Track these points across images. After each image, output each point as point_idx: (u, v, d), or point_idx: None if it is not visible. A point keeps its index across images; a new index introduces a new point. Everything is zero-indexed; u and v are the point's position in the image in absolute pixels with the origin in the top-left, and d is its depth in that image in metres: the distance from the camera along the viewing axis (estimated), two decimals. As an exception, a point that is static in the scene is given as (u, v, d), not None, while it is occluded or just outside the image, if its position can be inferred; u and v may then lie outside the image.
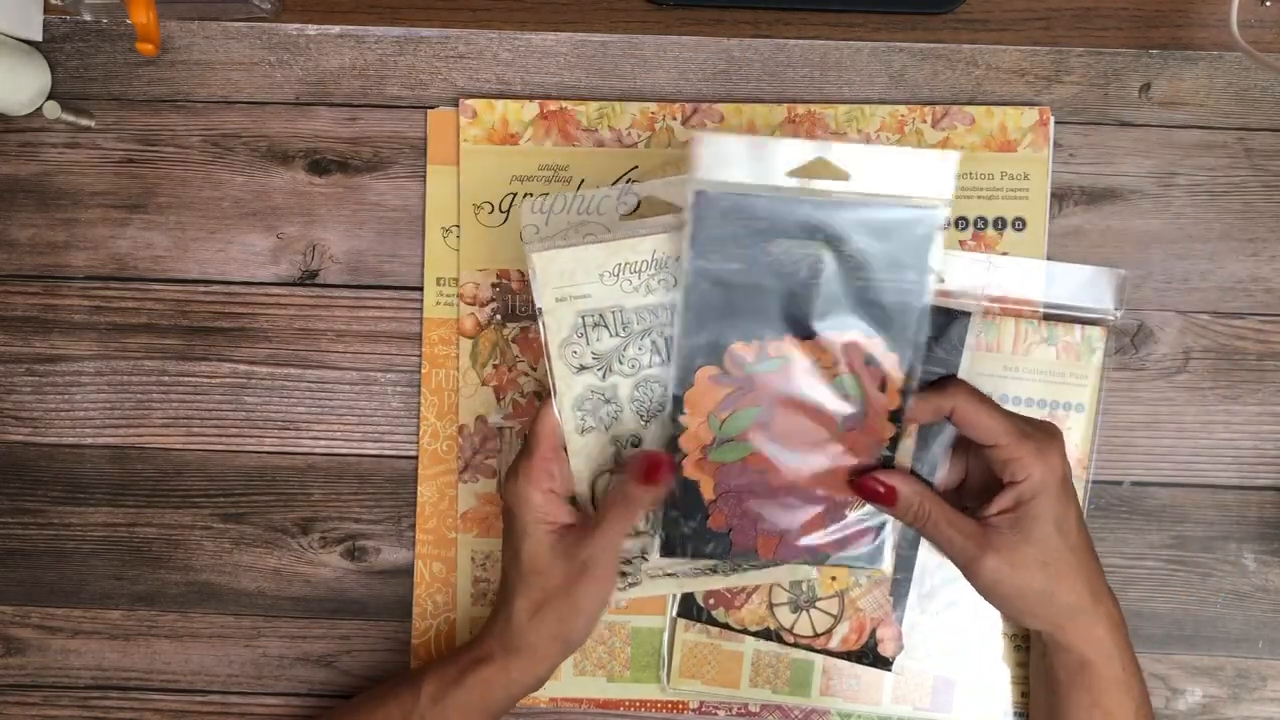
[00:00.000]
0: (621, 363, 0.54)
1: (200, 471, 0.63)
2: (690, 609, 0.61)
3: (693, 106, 0.62)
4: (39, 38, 0.62)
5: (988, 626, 0.60)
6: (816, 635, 0.60)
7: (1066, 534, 0.53)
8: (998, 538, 0.53)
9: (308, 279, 0.63)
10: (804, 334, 0.52)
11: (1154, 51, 0.62)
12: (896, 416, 0.53)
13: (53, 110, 0.62)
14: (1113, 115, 0.62)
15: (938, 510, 0.53)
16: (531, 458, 0.54)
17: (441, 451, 0.62)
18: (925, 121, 0.61)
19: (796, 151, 0.50)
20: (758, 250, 0.51)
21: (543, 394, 0.61)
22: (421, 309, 0.63)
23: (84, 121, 0.63)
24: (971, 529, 0.53)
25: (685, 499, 0.54)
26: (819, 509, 0.54)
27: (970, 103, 0.62)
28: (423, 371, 0.62)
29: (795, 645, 0.60)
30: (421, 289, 0.63)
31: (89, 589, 0.63)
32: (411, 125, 0.63)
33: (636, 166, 0.62)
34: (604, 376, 0.54)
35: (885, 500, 0.53)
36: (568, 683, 0.61)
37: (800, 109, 0.61)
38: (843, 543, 0.54)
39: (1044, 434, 0.53)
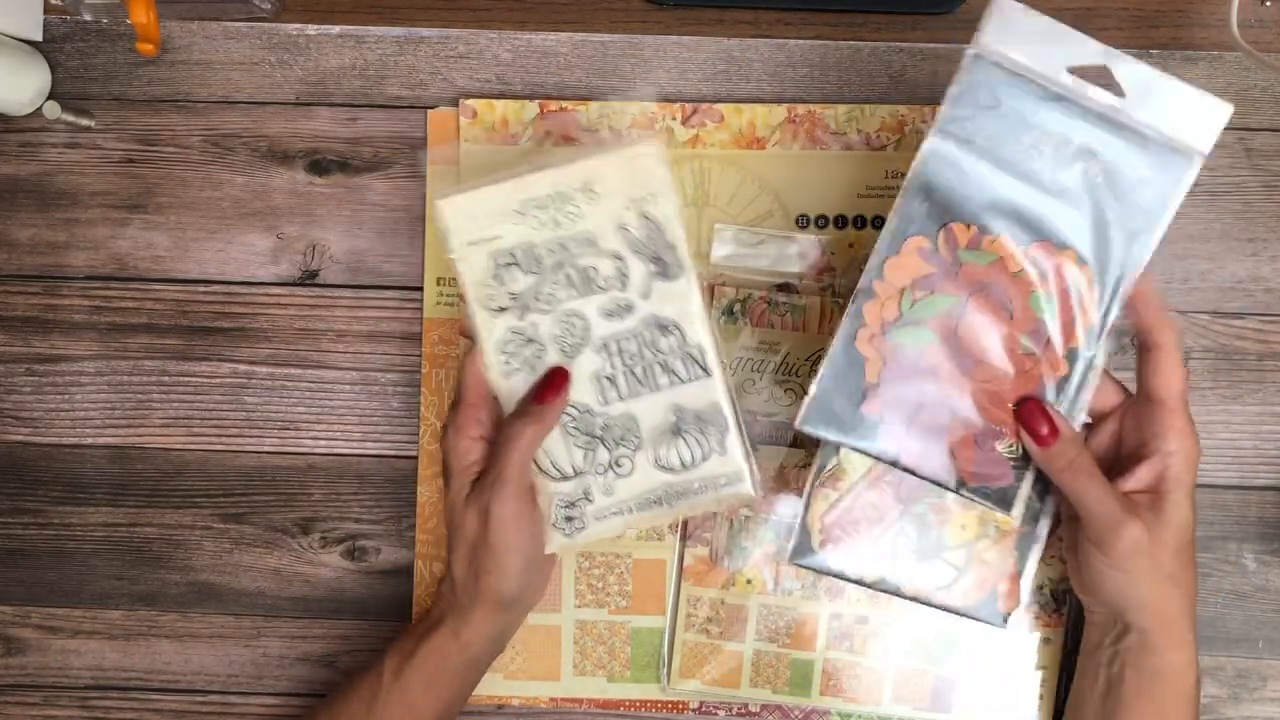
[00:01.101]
0: (539, 299, 0.54)
1: (200, 471, 0.63)
2: (803, 547, 0.55)
3: (693, 106, 0.62)
4: (39, 38, 0.62)
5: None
6: (936, 590, 0.56)
7: (1189, 533, 0.50)
8: (1140, 508, 0.50)
9: (308, 279, 0.63)
10: (1023, 239, 0.50)
11: (1154, 51, 0.62)
12: (1072, 356, 0.50)
13: (53, 110, 0.62)
14: (1113, 115, 0.62)
15: (1089, 462, 0.50)
16: (458, 407, 0.54)
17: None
18: (926, 122, 0.61)
19: (1085, 51, 0.48)
20: (1012, 135, 0.49)
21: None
22: (422, 309, 0.63)
23: (84, 121, 0.63)
24: (1118, 492, 0.50)
25: (846, 373, 0.50)
26: (973, 431, 0.50)
27: (970, 103, 0.62)
28: (423, 371, 0.62)
29: (914, 600, 0.56)
30: (421, 289, 0.63)
31: (89, 589, 0.63)
32: (411, 125, 0.63)
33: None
34: (523, 316, 0.54)
35: (1044, 438, 0.49)
36: (568, 683, 0.61)
37: (800, 109, 0.61)
38: (981, 476, 0.51)
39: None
